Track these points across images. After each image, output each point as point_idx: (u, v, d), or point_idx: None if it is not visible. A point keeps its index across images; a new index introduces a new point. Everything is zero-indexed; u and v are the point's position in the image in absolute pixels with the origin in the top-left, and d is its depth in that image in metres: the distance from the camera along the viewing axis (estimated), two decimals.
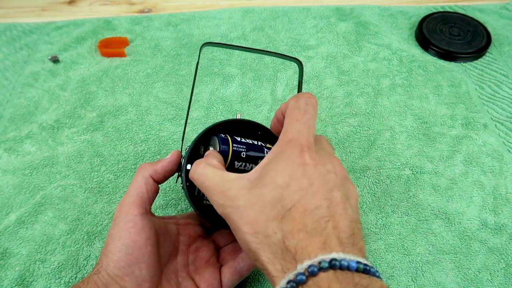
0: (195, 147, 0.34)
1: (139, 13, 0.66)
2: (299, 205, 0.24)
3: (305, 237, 0.23)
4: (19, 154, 0.46)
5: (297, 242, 0.23)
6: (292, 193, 0.24)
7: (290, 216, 0.23)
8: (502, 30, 0.63)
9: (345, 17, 0.64)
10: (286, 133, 0.27)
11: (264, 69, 0.56)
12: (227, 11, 0.64)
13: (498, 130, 0.50)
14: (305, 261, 0.22)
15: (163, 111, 0.51)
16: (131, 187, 0.32)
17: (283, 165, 0.25)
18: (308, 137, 0.26)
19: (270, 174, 0.25)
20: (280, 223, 0.23)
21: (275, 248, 0.23)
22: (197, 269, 0.34)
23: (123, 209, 0.31)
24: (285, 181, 0.24)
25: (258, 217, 0.24)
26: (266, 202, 0.24)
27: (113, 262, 0.29)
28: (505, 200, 0.44)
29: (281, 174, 0.25)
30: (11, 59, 0.57)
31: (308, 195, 0.24)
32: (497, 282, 0.38)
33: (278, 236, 0.23)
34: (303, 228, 0.23)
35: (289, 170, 0.25)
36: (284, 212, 0.24)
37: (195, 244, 0.35)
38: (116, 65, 0.56)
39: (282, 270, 0.23)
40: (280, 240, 0.23)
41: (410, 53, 0.59)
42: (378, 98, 0.53)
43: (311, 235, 0.23)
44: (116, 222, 0.31)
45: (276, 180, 0.25)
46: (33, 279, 0.37)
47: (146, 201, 0.32)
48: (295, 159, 0.25)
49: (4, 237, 0.40)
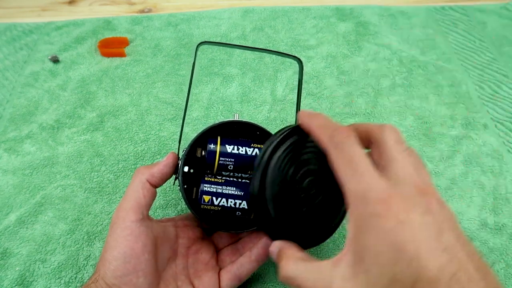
0: (192, 149, 0.34)
1: (139, 13, 0.66)
2: (421, 277, 0.20)
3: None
4: (19, 154, 0.46)
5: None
6: (405, 267, 0.20)
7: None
8: (502, 30, 0.63)
9: (345, 17, 0.64)
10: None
11: (264, 69, 0.56)
12: (227, 11, 0.64)
13: (498, 130, 0.50)
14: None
15: (163, 111, 0.51)
16: (128, 192, 0.32)
17: (375, 234, 0.21)
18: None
19: (374, 249, 0.21)
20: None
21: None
22: (197, 272, 0.33)
23: (120, 215, 0.31)
24: (392, 254, 0.20)
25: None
26: (378, 286, 0.21)
27: (110, 271, 0.29)
28: (505, 200, 0.44)
29: (386, 244, 0.21)
30: (11, 59, 0.57)
31: (422, 260, 0.20)
32: None
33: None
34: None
35: (389, 235, 0.21)
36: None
37: (194, 246, 0.35)
38: (116, 65, 0.56)
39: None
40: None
41: (410, 53, 0.59)
42: (378, 98, 0.53)
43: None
44: (113, 229, 0.30)
45: (379, 257, 0.21)
46: (33, 279, 0.37)
47: (143, 207, 0.31)
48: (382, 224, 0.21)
49: (4, 237, 0.40)
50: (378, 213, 0.21)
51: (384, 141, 0.25)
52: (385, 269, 0.20)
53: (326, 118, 0.27)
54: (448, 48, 0.60)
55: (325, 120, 0.26)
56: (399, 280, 0.20)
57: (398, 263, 0.20)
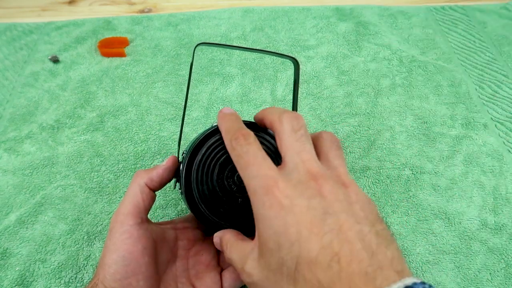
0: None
1: (139, 13, 0.66)
2: (301, 259, 0.20)
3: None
4: (19, 154, 0.46)
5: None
6: (287, 250, 0.21)
7: (300, 276, 0.20)
8: (502, 30, 0.63)
9: (345, 17, 0.64)
10: None
11: (264, 69, 0.56)
12: (227, 11, 0.64)
13: (498, 130, 0.50)
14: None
15: (163, 111, 0.51)
16: (127, 196, 0.31)
17: (266, 217, 0.22)
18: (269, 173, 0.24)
19: (264, 235, 0.22)
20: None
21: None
22: (198, 273, 0.33)
23: (119, 219, 0.30)
24: (276, 240, 0.21)
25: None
26: (273, 271, 0.22)
27: (110, 274, 0.29)
28: (505, 200, 0.44)
29: (271, 231, 0.22)
30: (11, 59, 0.57)
31: (303, 242, 0.21)
32: (497, 282, 0.38)
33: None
34: (319, 286, 0.19)
35: (273, 222, 0.22)
36: (294, 275, 0.21)
37: (194, 248, 0.35)
38: (116, 65, 0.56)
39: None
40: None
41: (410, 53, 0.59)
42: (378, 98, 0.53)
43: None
44: (112, 233, 0.30)
45: (268, 242, 0.22)
46: (33, 279, 0.37)
47: (142, 211, 0.31)
48: (268, 205, 0.22)
49: (4, 237, 0.40)
50: (263, 203, 0.23)
51: (282, 131, 0.26)
52: (273, 254, 0.22)
53: (231, 121, 0.29)
54: (448, 48, 0.60)
55: (229, 123, 0.29)
56: (285, 263, 0.21)
57: (281, 247, 0.21)
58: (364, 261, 0.20)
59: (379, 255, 0.20)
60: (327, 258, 0.20)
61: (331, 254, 0.20)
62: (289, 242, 0.21)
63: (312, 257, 0.20)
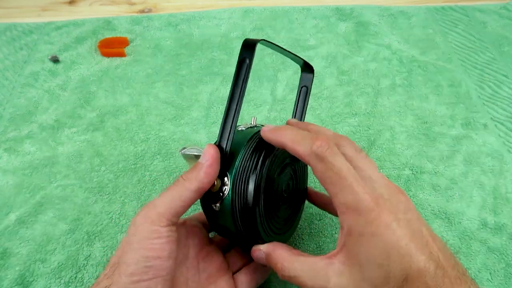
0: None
1: (139, 13, 0.66)
2: (411, 270, 0.22)
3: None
4: (19, 154, 0.46)
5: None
6: (397, 263, 0.23)
7: (409, 287, 0.22)
8: (502, 30, 0.63)
9: (345, 17, 0.64)
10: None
11: (264, 69, 0.56)
12: (227, 11, 0.64)
13: (498, 130, 0.50)
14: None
15: (163, 111, 0.51)
16: (168, 195, 0.28)
17: (368, 237, 0.24)
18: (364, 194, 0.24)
19: (369, 251, 0.24)
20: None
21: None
22: (210, 277, 0.32)
23: (151, 215, 0.27)
24: (386, 255, 0.23)
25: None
26: (376, 285, 0.23)
27: (127, 275, 0.26)
28: (505, 200, 0.44)
29: (380, 246, 0.23)
30: (11, 59, 0.57)
31: (413, 255, 0.23)
32: (497, 282, 0.38)
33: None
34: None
35: (383, 238, 0.23)
36: (402, 285, 0.23)
37: (204, 249, 0.33)
38: (116, 65, 0.56)
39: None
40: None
41: (410, 53, 0.59)
42: (378, 98, 0.53)
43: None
44: (139, 230, 0.27)
45: (375, 258, 0.23)
46: (33, 279, 0.37)
47: (179, 215, 0.28)
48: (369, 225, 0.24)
49: (4, 237, 0.40)
50: (370, 221, 0.24)
51: (345, 153, 0.27)
52: (381, 268, 0.23)
53: (293, 129, 0.28)
54: (448, 48, 0.60)
55: (296, 132, 0.27)
56: (393, 276, 0.23)
57: (391, 261, 0.23)
58: (455, 266, 0.23)
59: (457, 266, 0.23)
60: (433, 266, 0.22)
61: (435, 262, 0.22)
62: (400, 254, 0.23)
63: (421, 266, 0.22)
